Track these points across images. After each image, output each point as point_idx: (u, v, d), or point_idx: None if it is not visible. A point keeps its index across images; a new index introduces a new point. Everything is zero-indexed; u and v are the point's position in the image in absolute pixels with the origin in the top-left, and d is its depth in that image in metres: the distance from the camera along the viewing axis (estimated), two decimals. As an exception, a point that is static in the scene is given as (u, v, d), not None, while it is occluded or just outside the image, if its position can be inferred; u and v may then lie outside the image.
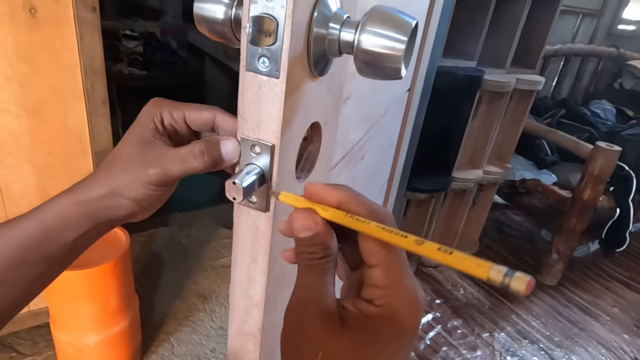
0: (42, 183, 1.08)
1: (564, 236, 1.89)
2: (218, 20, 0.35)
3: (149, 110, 0.36)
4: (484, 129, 1.81)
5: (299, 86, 0.33)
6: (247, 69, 0.31)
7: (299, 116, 0.35)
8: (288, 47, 0.29)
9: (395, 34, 0.31)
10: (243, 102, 0.32)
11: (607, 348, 1.69)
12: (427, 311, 1.73)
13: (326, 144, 0.44)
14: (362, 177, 0.77)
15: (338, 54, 0.34)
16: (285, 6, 0.28)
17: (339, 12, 0.33)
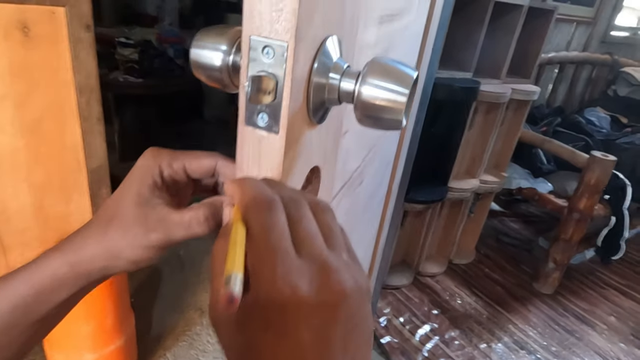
0: (39, 201, 1.07)
1: (560, 245, 1.90)
2: (215, 67, 0.34)
3: (147, 163, 0.35)
4: (481, 139, 1.82)
5: (299, 138, 0.32)
6: (246, 123, 0.31)
7: (299, 166, 0.34)
8: (288, 103, 0.29)
9: (396, 87, 0.31)
10: (242, 155, 0.32)
11: (604, 357, 1.69)
12: (425, 322, 1.72)
13: (325, 182, 0.43)
14: (362, 200, 0.77)
15: (337, 103, 0.34)
16: (285, 64, 0.28)
17: (339, 62, 0.33)
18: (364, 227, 0.94)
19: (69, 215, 1.13)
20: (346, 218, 0.67)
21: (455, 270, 2.07)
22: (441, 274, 2.01)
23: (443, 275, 2.02)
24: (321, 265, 0.24)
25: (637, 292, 2.11)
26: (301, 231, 0.25)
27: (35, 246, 1.13)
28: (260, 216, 0.24)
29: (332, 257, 0.24)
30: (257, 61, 0.28)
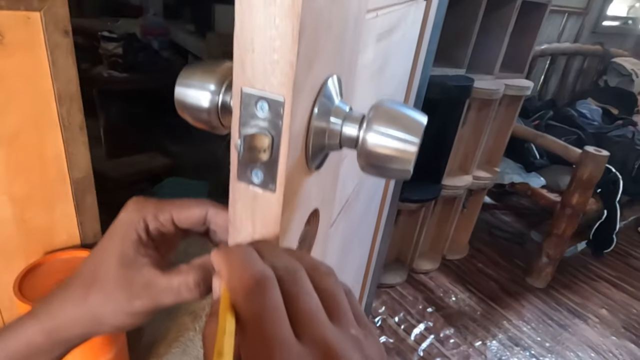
0: (20, 214, 1.03)
1: (553, 240, 1.90)
2: (203, 109, 0.31)
3: (130, 217, 0.32)
4: (474, 136, 1.80)
5: (297, 190, 0.29)
6: (239, 179, 0.27)
7: (297, 219, 0.31)
8: (285, 160, 0.26)
9: (405, 135, 0.28)
10: (234, 212, 0.29)
11: (596, 352, 1.71)
12: (420, 320, 1.72)
13: (323, 219, 0.41)
14: (359, 212, 0.74)
15: (338, 149, 0.31)
16: (282, 120, 0.24)
17: (341, 105, 0.30)
18: (360, 236, 0.91)
19: (53, 227, 1.09)
20: (343, 235, 0.65)
21: (448, 266, 2.06)
22: (435, 271, 2.01)
23: (437, 271, 2.01)
24: (326, 349, 0.21)
25: (628, 284, 2.13)
26: (300, 310, 0.22)
27: (20, 258, 1.09)
28: (250, 301, 0.21)
29: (337, 336, 0.22)
30: (249, 116, 0.25)
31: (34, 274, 1.07)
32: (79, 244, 1.18)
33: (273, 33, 0.22)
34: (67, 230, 1.13)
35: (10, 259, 1.07)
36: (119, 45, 2.76)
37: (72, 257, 1.14)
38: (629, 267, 2.27)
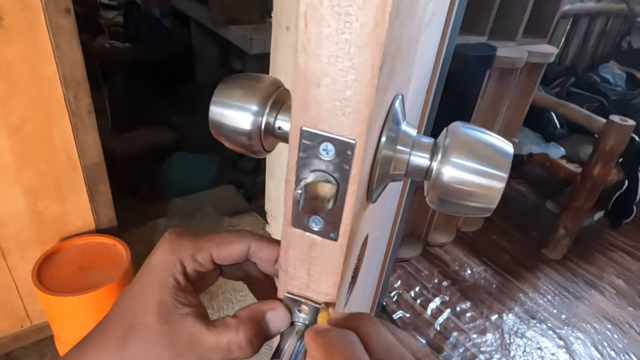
0: (33, 203, 1.00)
1: (571, 213, 1.86)
2: (243, 132, 0.27)
3: (166, 260, 0.28)
4: (493, 106, 1.72)
5: (357, 231, 0.25)
6: (293, 225, 0.23)
7: (354, 255, 0.28)
8: (352, 210, 0.22)
9: (491, 170, 0.23)
10: (287, 258, 0.25)
11: (612, 323, 1.71)
12: (436, 295, 1.72)
13: (371, 241, 0.37)
14: (388, 205, 0.70)
15: (402, 179, 0.26)
16: (352, 165, 0.20)
17: (408, 130, 0.25)
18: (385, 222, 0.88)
19: (67, 216, 1.07)
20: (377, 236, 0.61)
21: (463, 239, 2.04)
22: (450, 244, 1.99)
23: (451, 244, 1.99)
24: None
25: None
26: None
27: (36, 246, 1.08)
28: None
29: None
30: (310, 158, 0.21)
31: (51, 262, 1.06)
32: (93, 229, 1.16)
33: (346, 65, 0.18)
34: (81, 217, 1.11)
35: (26, 248, 1.05)
36: (119, 13, 2.66)
37: (88, 243, 1.13)
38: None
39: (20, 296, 1.11)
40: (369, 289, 0.91)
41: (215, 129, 0.28)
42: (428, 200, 0.26)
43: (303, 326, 0.27)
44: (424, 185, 0.26)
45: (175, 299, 0.27)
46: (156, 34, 2.74)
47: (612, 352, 1.58)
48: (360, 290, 0.56)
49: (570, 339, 1.61)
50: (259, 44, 1.95)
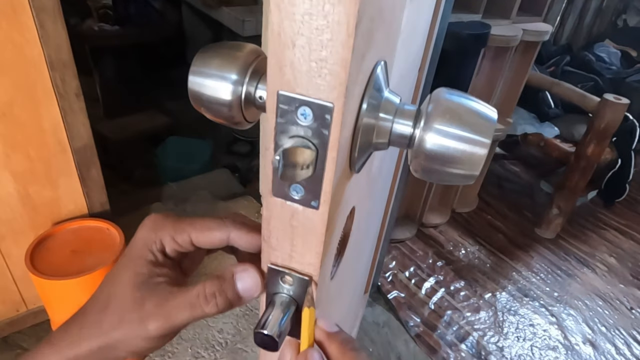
0: (23, 189, 0.99)
1: (565, 193, 1.87)
2: (223, 102, 0.26)
3: (145, 236, 0.28)
4: (487, 86, 1.71)
5: (339, 200, 0.25)
6: (274, 194, 0.23)
7: (338, 226, 0.27)
8: (332, 176, 0.21)
9: (474, 136, 0.23)
10: (269, 229, 0.25)
11: (603, 299, 1.73)
12: (430, 274, 1.74)
13: (359, 215, 0.37)
14: (378, 189, 0.70)
15: (386, 148, 0.26)
16: (330, 129, 0.20)
17: (390, 97, 0.25)
18: (379, 200, 0.88)
19: (59, 200, 1.06)
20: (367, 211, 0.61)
21: (457, 219, 2.05)
22: (444, 224, 2.00)
23: (446, 225, 2.01)
24: None
25: (637, 232, 2.13)
26: None
27: (28, 231, 1.07)
28: None
29: None
30: (288, 124, 0.20)
31: (44, 246, 1.06)
32: (86, 213, 1.16)
33: (321, 23, 0.17)
34: (73, 201, 1.10)
35: (18, 233, 1.05)
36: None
37: (81, 227, 1.13)
38: (637, 214, 2.26)
39: (14, 281, 1.11)
40: (362, 268, 0.92)
41: (194, 99, 0.27)
42: (412, 169, 0.26)
43: (287, 297, 0.27)
44: (407, 153, 0.26)
45: (151, 271, 0.28)
46: (146, 16, 2.69)
47: (602, 327, 1.61)
48: (351, 268, 0.56)
49: (562, 315, 1.64)
50: (251, 26, 1.92)
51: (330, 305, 0.35)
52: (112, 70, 2.71)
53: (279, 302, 0.26)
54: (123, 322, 0.27)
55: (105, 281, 0.29)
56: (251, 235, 0.28)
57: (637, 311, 1.70)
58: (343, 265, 0.37)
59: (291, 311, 0.26)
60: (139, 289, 0.27)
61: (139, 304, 0.27)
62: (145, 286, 0.27)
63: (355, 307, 1.14)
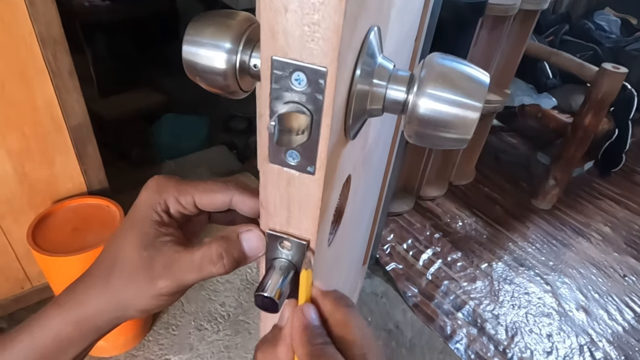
0: (20, 167, 1.00)
1: (562, 163, 1.88)
2: (218, 71, 0.26)
3: (149, 197, 0.29)
4: (485, 57, 1.69)
5: (335, 167, 0.26)
6: (271, 161, 0.24)
7: (334, 193, 0.28)
8: (327, 142, 0.22)
9: (467, 100, 0.23)
10: (267, 196, 0.25)
11: (597, 267, 1.77)
12: (428, 246, 1.76)
13: (354, 183, 0.37)
14: (376, 157, 0.71)
15: (380, 114, 0.26)
16: (324, 94, 0.20)
17: (384, 63, 0.25)
18: (376, 173, 0.89)
19: (56, 178, 1.06)
20: (365, 186, 0.62)
21: (455, 192, 2.07)
22: (441, 197, 2.02)
23: (443, 197, 2.02)
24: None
25: (632, 201, 2.16)
26: None
27: (28, 210, 1.08)
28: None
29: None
30: (283, 89, 0.21)
31: (45, 224, 1.07)
32: (85, 191, 1.16)
33: (313, -14, 0.17)
34: (71, 179, 1.10)
35: (18, 211, 1.06)
36: (97, -32, 2.53)
37: (80, 205, 1.13)
38: (633, 184, 2.28)
39: (17, 258, 1.12)
40: (360, 239, 0.93)
41: (189, 69, 0.27)
42: (406, 135, 0.26)
43: (287, 262, 0.27)
44: (401, 119, 0.26)
45: (157, 231, 0.28)
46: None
47: (596, 294, 1.65)
48: (349, 238, 0.57)
49: (557, 284, 1.67)
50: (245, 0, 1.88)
51: (328, 271, 0.36)
52: (105, 47, 2.66)
53: (278, 266, 0.27)
54: (132, 282, 0.28)
55: (111, 243, 0.29)
56: (253, 200, 0.29)
57: (630, 278, 1.74)
58: (340, 233, 0.38)
59: (290, 275, 0.27)
60: (146, 249, 0.28)
61: (148, 264, 0.27)
62: (152, 246, 0.28)
63: (354, 278, 1.17)
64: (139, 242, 0.28)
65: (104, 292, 0.28)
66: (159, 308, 0.30)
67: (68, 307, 0.29)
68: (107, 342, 1.20)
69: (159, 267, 0.28)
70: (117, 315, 0.29)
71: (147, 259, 0.28)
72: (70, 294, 0.29)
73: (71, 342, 0.29)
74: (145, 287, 0.28)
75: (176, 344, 1.31)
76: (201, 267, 0.28)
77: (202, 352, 1.31)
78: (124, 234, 0.29)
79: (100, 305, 0.28)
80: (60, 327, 0.28)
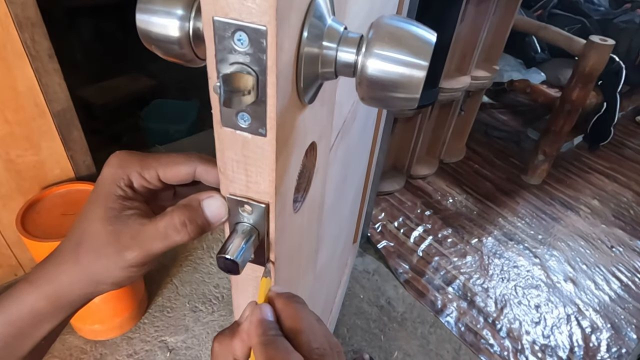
0: (5, 153, 0.99)
1: (550, 137, 1.89)
2: (172, 39, 0.27)
3: (112, 173, 0.29)
4: (472, 32, 1.69)
5: (291, 130, 0.26)
6: (224, 125, 0.24)
7: (294, 157, 0.29)
8: (274, 102, 0.22)
9: (412, 59, 0.24)
10: (224, 161, 0.26)
11: (586, 240, 1.80)
12: (418, 224, 1.78)
13: (321, 149, 0.38)
14: (356, 132, 0.71)
15: (334, 78, 0.27)
16: (266, 53, 0.21)
17: (334, 25, 0.25)
18: (360, 150, 0.89)
19: (43, 164, 1.06)
20: (344, 158, 0.62)
21: (445, 169, 2.08)
22: (432, 175, 2.03)
23: (434, 176, 2.04)
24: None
25: (620, 174, 2.18)
26: None
27: (16, 196, 1.08)
28: None
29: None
30: (226, 50, 0.21)
31: (34, 210, 1.07)
32: (73, 177, 1.16)
33: (244, -58, 0.18)
34: (58, 164, 1.10)
35: (6, 197, 1.06)
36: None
37: (69, 191, 1.14)
38: (622, 157, 2.30)
39: (8, 246, 1.13)
40: (346, 215, 0.94)
41: (144, 38, 0.27)
42: (360, 98, 0.27)
43: (248, 226, 0.28)
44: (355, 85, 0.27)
45: (121, 205, 0.29)
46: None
47: (583, 266, 1.68)
48: (330, 212, 0.58)
49: (546, 256, 1.70)
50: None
51: (298, 238, 0.37)
52: (90, 31, 2.63)
53: (240, 230, 0.28)
54: (101, 256, 0.28)
55: (78, 220, 0.30)
56: (217, 170, 0.30)
57: (617, 249, 1.77)
58: (311, 202, 0.39)
59: (252, 238, 0.28)
60: (111, 223, 0.28)
61: (114, 238, 0.28)
62: (117, 220, 0.28)
63: (342, 255, 1.18)
64: (104, 217, 0.29)
65: (74, 268, 0.29)
66: (130, 280, 0.30)
67: (39, 283, 0.29)
68: (103, 325, 1.22)
69: (125, 239, 0.28)
70: (89, 291, 0.30)
71: (113, 233, 0.28)
72: (41, 270, 0.30)
73: (45, 317, 0.30)
74: (114, 260, 0.28)
75: (172, 326, 1.33)
76: (166, 235, 0.28)
77: (197, 332, 1.33)
78: (90, 210, 0.29)
79: (71, 280, 0.29)
80: (34, 302, 0.29)
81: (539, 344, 1.39)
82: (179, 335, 1.31)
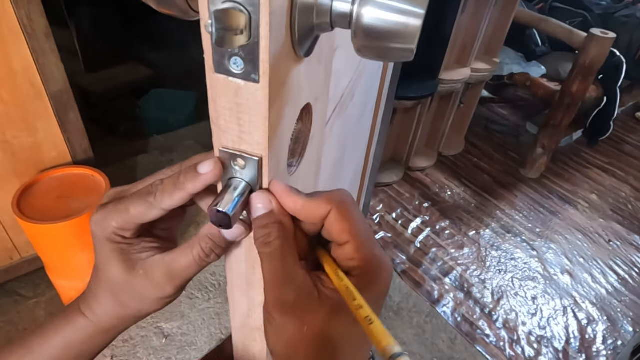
0: (1, 134, 0.99)
1: (549, 131, 1.89)
2: (166, -11, 0.26)
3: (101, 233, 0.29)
4: (473, 24, 1.68)
5: (285, 81, 0.26)
6: (216, 71, 0.24)
7: (287, 112, 0.28)
8: (267, 43, 0.22)
9: (408, 6, 0.23)
10: (216, 110, 0.25)
11: (583, 234, 1.80)
12: (416, 215, 1.78)
13: (317, 114, 0.37)
14: (354, 114, 0.71)
15: (330, 29, 0.26)
16: (259, -10, 0.20)
17: (329, -27, 0.25)
18: (357, 138, 0.89)
19: (40, 146, 1.06)
20: (340, 137, 0.62)
21: (444, 162, 2.08)
22: (431, 167, 2.03)
23: (432, 168, 2.03)
24: None
25: (618, 169, 2.18)
26: None
27: (13, 178, 1.08)
28: None
29: None
30: (219, -12, 0.20)
31: (30, 193, 1.07)
32: (70, 161, 1.16)
33: None
34: (55, 147, 1.10)
35: (3, 180, 1.05)
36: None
37: (66, 174, 1.13)
38: (621, 152, 2.30)
39: (4, 229, 1.12)
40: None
41: (138, -13, 0.27)
42: (355, 50, 0.26)
43: (241, 181, 0.28)
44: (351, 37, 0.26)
45: (133, 251, 0.30)
46: (120, -39, 2.55)
47: (581, 259, 1.68)
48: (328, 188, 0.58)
49: (543, 249, 1.70)
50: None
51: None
52: (89, 21, 2.61)
53: (233, 185, 0.28)
54: (143, 300, 0.30)
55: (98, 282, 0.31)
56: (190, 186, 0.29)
57: (615, 243, 1.77)
58: (306, 171, 0.39)
59: (245, 193, 0.27)
60: (138, 269, 0.29)
61: (149, 281, 0.29)
62: (142, 265, 0.29)
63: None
64: (126, 269, 0.29)
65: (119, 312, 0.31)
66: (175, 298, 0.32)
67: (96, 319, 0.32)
68: (98, 310, 1.22)
69: (160, 278, 0.29)
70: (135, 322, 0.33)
71: (144, 277, 0.29)
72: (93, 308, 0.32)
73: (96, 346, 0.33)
74: (157, 297, 0.30)
75: (167, 312, 1.33)
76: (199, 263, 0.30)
77: (193, 319, 1.33)
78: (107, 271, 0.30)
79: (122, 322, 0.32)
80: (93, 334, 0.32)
81: (535, 335, 1.39)
82: (174, 322, 1.31)
